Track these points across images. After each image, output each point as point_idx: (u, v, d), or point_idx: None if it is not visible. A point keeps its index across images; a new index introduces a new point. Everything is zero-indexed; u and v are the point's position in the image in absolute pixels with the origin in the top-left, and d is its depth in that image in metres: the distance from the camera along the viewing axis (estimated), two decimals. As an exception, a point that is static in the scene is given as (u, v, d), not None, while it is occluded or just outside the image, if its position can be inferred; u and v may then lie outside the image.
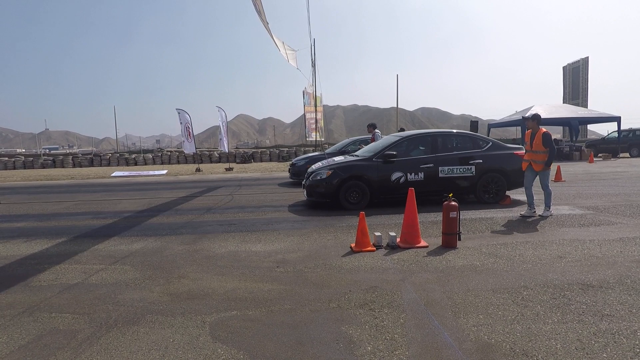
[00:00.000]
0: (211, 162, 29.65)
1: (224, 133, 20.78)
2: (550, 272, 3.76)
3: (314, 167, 8.11)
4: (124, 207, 8.82)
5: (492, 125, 26.36)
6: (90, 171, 23.20)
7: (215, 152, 31.39)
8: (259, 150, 35.07)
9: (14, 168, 29.13)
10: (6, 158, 32.55)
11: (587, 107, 66.53)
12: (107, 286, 3.78)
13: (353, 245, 4.82)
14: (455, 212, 4.66)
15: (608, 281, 3.50)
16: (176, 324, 2.93)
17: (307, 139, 27.02)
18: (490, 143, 7.88)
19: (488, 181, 7.61)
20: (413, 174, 7.39)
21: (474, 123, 21.05)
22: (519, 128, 24.83)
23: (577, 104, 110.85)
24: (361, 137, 13.26)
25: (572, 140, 22.95)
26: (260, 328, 2.83)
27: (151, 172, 20.34)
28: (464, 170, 7.52)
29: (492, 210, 7.00)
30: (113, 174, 19.80)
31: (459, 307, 3.06)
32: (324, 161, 8.59)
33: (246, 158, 28.74)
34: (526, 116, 6.62)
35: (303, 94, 24.61)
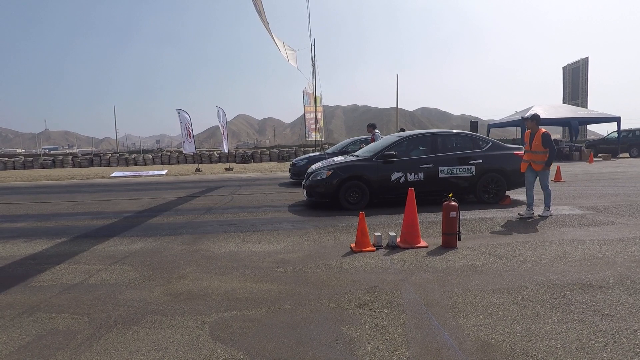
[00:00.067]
0: (211, 162, 29.64)
1: (224, 134, 20.79)
2: (550, 272, 3.76)
3: (314, 167, 8.11)
4: (124, 207, 8.82)
5: (492, 125, 26.37)
6: (90, 171, 23.20)
7: (215, 152, 31.40)
8: (259, 150, 35.06)
9: (14, 168, 29.12)
10: (6, 158, 32.54)
11: (587, 108, 66.55)
12: (107, 286, 3.78)
13: (353, 245, 4.82)
14: (455, 212, 4.67)
15: (608, 281, 3.50)
16: (176, 324, 2.93)
17: (307, 139, 27.04)
18: (490, 143, 7.89)
19: (488, 181, 7.61)
20: (413, 174, 7.39)
21: (474, 123, 21.05)
22: (519, 128, 24.84)
23: (577, 104, 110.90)
24: (362, 137, 13.24)
25: (572, 140, 22.96)
26: (260, 328, 2.83)
27: (151, 172, 20.33)
28: (464, 170, 7.52)
29: (492, 210, 7.00)
30: (113, 174, 19.80)
31: (459, 307, 3.06)
32: (324, 161, 8.58)
33: (246, 158, 28.74)
34: (525, 116, 6.61)
35: (303, 94, 24.62)
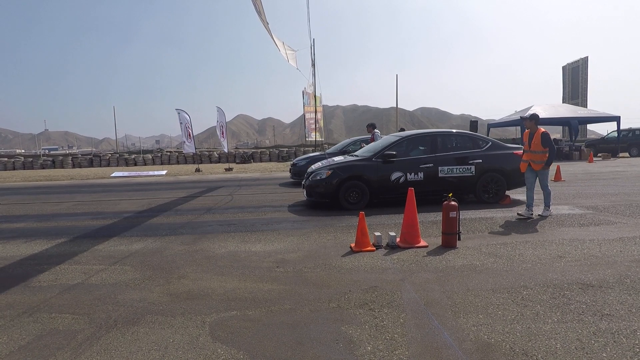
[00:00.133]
0: (211, 163, 29.64)
1: (221, 134, 20.78)
2: (550, 272, 3.76)
3: (314, 167, 8.11)
4: (124, 208, 8.82)
5: (492, 125, 26.37)
6: (89, 172, 23.20)
7: (215, 152, 31.39)
8: (259, 150, 35.05)
9: (14, 169, 29.12)
10: (6, 159, 32.52)
11: (587, 107, 66.53)
12: (107, 286, 3.78)
13: (353, 245, 4.82)
14: (455, 212, 4.67)
15: (608, 281, 3.50)
16: (176, 324, 2.93)
17: (307, 139, 27.01)
18: (489, 143, 7.89)
19: (488, 181, 7.61)
20: (413, 174, 7.39)
21: (474, 123, 21.06)
22: (519, 128, 24.85)
23: (577, 104, 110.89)
24: (362, 137, 13.22)
25: (572, 140, 22.97)
26: (260, 328, 2.83)
27: (151, 173, 20.33)
28: (464, 170, 7.52)
29: (492, 210, 7.00)
30: (113, 175, 19.80)
31: (459, 307, 3.06)
32: (324, 161, 8.58)
33: (246, 158, 28.74)
34: (524, 116, 6.60)
35: (303, 94, 24.60)
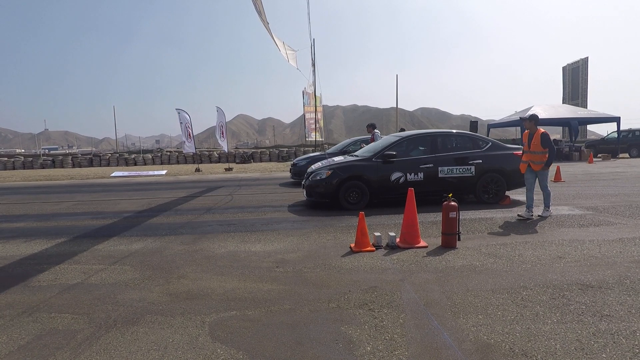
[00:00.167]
0: (211, 162, 29.64)
1: (221, 134, 20.78)
2: (549, 273, 3.76)
3: (314, 167, 8.11)
4: (124, 207, 8.82)
5: (492, 125, 26.37)
6: (89, 171, 23.19)
7: (215, 152, 31.39)
8: (259, 150, 35.04)
9: (14, 168, 29.11)
10: (5, 158, 32.52)
11: (587, 108, 66.57)
12: (107, 286, 3.78)
13: (352, 245, 4.82)
14: (454, 212, 4.67)
15: (607, 281, 3.50)
16: (176, 324, 2.93)
17: (307, 139, 27.01)
18: (489, 143, 7.89)
19: (488, 181, 7.61)
20: (413, 174, 7.39)
21: (474, 123, 21.05)
22: (519, 128, 24.84)
23: (577, 104, 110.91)
24: (362, 137, 13.21)
25: (572, 140, 22.98)
26: (259, 328, 2.83)
27: (151, 172, 20.33)
28: (464, 170, 7.52)
29: (492, 210, 7.00)
30: (112, 174, 19.79)
31: (459, 308, 3.06)
32: (324, 161, 8.58)
33: (246, 158, 28.74)
34: (524, 117, 6.61)
35: (303, 94, 24.60)
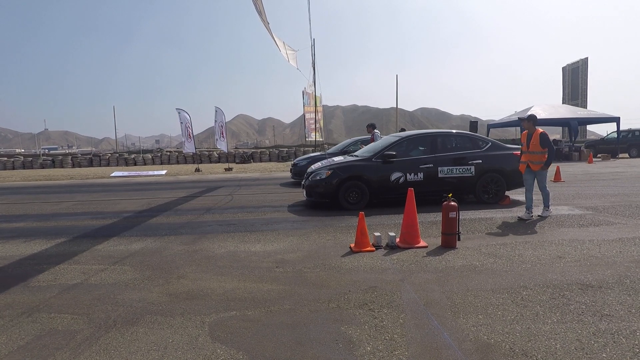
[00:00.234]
0: (210, 162, 29.65)
1: (220, 134, 20.78)
2: (549, 272, 3.76)
3: (314, 167, 8.11)
4: (124, 207, 8.82)
5: (492, 125, 26.37)
6: (89, 171, 23.19)
7: (214, 152, 31.38)
8: (259, 150, 35.04)
9: (13, 168, 29.10)
10: (5, 158, 32.51)
11: (587, 108, 66.59)
12: (107, 287, 3.78)
13: (352, 245, 4.82)
14: (454, 212, 4.67)
15: (607, 281, 3.50)
16: (175, 325, 2.93)
17: (307, 139, 27.01)
18: (489, 143, 7.89)
19: (487, 181, 7.61)
20: (412, 174, 7.39)
21: (474, 123, 21.05)
22: (518, 128, 24.82)
23: (577, 105, 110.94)
24: (362, 137, 13.20)
25: (572, 140, 22.99)
26: (259, 328, 2.83)
27: (150, 172, 20.32)
28: (464, 170, 7.52)
29: (492, 210, 7.00)
30: (112, 174, 19.79)
31: (459, 307, 3.06)
32: (324, 161, 8.58)
33: (245, 158, 28.74)
34: (522, 117, 6.62)
35: (303, 94, 24.60)
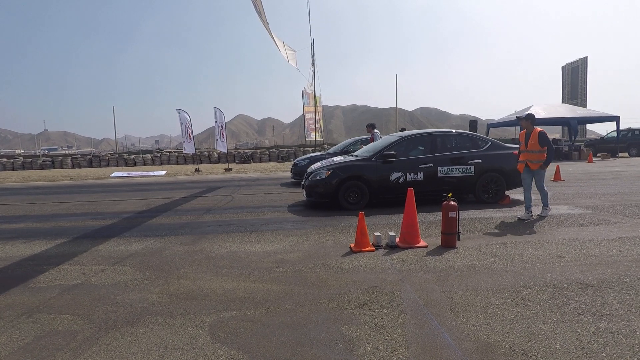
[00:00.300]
0: (210, 163, 29.64)
1: (220, 134, 20.79)
2: (549, 272, 3.76)
3: (313, 167, 8.11)
4: (123, 208, 8.81)
5: (491, 125, 26.37)
6: (89, 172, 23.18)
7: (214, 153, 31.38)
8: (258, 150, 35.04)
9: (13, 169, 29.09)
10: (5, 159, 32.49)
11: (586, 107, 66.60)
12: (107, 287, 3.78)
13: (352, 245, 4.82)
14: (454, 212, 4.67)
15: (607, 280, 3.50)
16: (175, 325, 2.93)
17: (307, 139, 27.02)
18: (489, 143, 7.89)
19: (487, 181, 7.61)
20: (412, 174, 7.39)
21: (473, 123, 21.06)
22: (518, 128, 24.82)
23: (576, 104, 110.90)
24: (363, 137, 13.19)
25: (571, 139, 22.99)
26: (259, 328, 2.83)
27: (150, 173, 20.32)
28: (463, 170, 7.52)
29: (492, 210, 7.01)
30: (112, 175, 19.79)
31: (459, 307, 3.06)
32: (324, 161, 8.58)
33: (245, 158, 28.73)
34: (520, 116, 6.63)
35: (302, 94, 24.60)
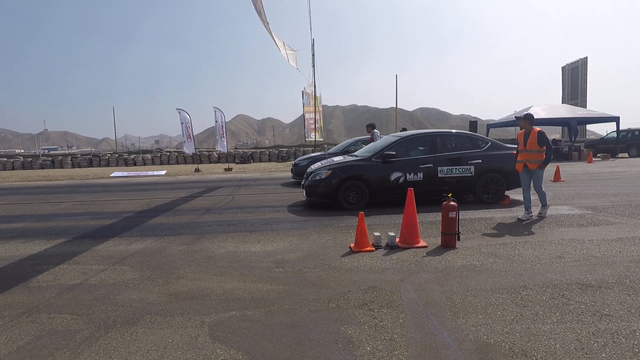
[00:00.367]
0: (210, 163, 29.64)
1: (221, 134, 20.79)
2: (549, 272, 3.76)
3: (313, 167, 8.11)
4: (123, 208, 8.81)
5: (491, 125, 26.36)
6: (89, 172, 23.18)
7: (214, 153, 31.38)
8: (258, 150, 35.03)
9: (13, 169, 29.09)
10: (5, 159, 32.49)
11: (586, 107, 66.60)
12: (106, 287, 3.78)
13: (352, 245, 4.82)
14: (454, 212, 4.67)
15: (607, 281, 3.50)
16: (175, 325, 2.93)
17: (307, 139, 27.04)
18: (489, 143, 7.89)
19: (487, 181, 7.61)
20: (412, 174, 7.39)
21: (473, 123, 21.05)
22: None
23: (576, 104, 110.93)
24: (363, 137, 13.20)
25: (571, 140, 22.99)
26: (259, 328, 2.83)
27: (150, 173, 20.31)
28: (463, 170, 7.53)
29: (491, 210, 7.01)
30: (112, 175, 19.78)
31: (458, 307, 3.06)
32: (324, 161, 8.58)
33: (245, 158, 28.73)
34: (518, 116, 6.64)
35: (302, 94, 24.61)
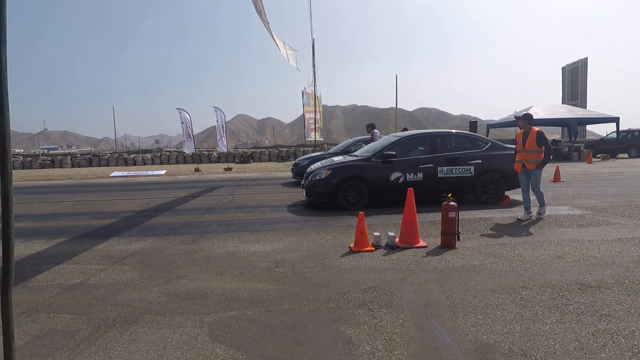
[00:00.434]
0: (210, 162, 29.63)
1: (222, 133, 20.78)
2: (549, 273, 3.76)
3: (313, 167, 8.11)
4: (123, 207, 8.81)
5: (491, 125, 26.36)
6: (89, 171, 23.17)
7: (214, 152, 31.38)
8: (258, 150, 35.03)
9: (13, 168, 29.08)
10: (5, 158, 32.46)
11: (586, 108, 66.62)
12: (106, 286, 3.78)
13: (352, 245, 4.82)
14: (454, 212, 4.67)
15: (606, 281, 3.50)
16: (175, 324, 2.93)
17: (307, 139, 27.03)
18: (489, 143, 7.90)
19: (487, 181, 7.62)
20: (412, 174, 7.39)
21: (473, 123, 21.05)
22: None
23: (576, 105, 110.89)
24: (363, 137, 13.21)
25: (571, 140, 23.00)
26: (258, 328, 2.83)
27: (150, 172, 20.31)
28: (463, 170, 7.53)
29: (491, 210, 7.01)
30: (112, 174, 19.78)
31: (458, 307, 3.06)
32: (324, 161, 8.59)
33: (245, 158, 28.73)
34: (517, 116, 6.65)
35: (302, 94, 24.60)
